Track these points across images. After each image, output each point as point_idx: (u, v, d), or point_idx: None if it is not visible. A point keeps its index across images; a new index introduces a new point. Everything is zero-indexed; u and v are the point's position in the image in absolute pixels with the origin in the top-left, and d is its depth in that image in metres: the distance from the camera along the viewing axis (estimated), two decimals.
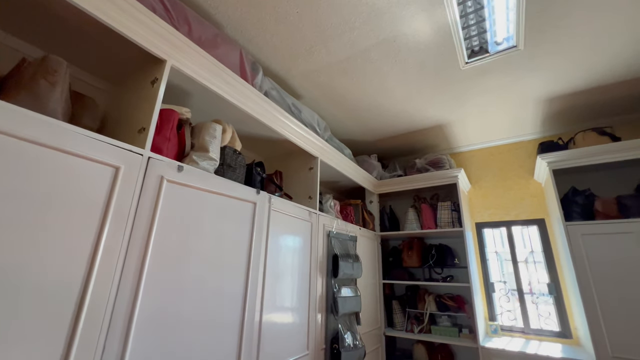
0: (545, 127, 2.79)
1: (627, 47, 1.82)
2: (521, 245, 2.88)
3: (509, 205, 2.92)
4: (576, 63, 1.96)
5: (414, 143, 3.19)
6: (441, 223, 2.75)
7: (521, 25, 1.68)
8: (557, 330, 2.53)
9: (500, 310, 2.81)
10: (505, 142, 3.07)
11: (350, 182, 2.85)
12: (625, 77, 2.08)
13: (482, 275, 2.90)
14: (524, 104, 2.44)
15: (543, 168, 2.43)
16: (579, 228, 2.15)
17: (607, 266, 2.01)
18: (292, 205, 1.82)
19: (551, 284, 2.62)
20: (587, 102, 2.38)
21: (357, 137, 3.06)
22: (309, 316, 1.77)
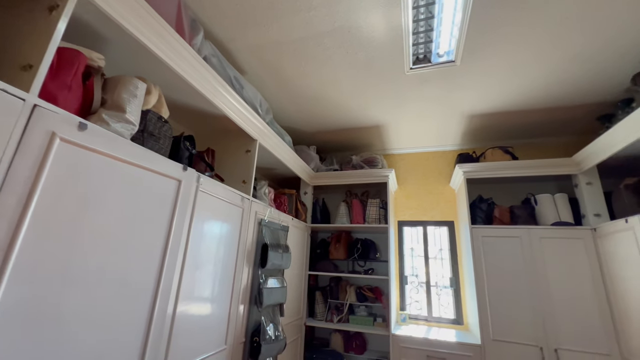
0: (464, 140, 3.15)
1: (535, 82, 2.15)
2: (432, 243, 3.22)
3: (427, 207, 3.23)
4: (495, 88, 2.24)
5: (353, 140, 3.27)
6: (369, 219, 2.89)
7: (461, 43, 1.83)
8: (453, 318, 2.91)
9: (410, 300, 3.10)
10: (431, 150, 3.38)
11: (287, 171, 2.77)
12: (528, 107, 2.47)
13: (399, 269, 3.16)
14: (451, 116, 2.70)
15: (459, 176, 2.74)
16: (481, 231, 2.49)
17: (497, 263, 2.37)
18: (224, 188, 1.65)
19: (452, 278, 2.99)
20: (498, 123, 2.76)
21: (297, 125, 2.99)
22: (231, 308, 1.64)
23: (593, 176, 2.36)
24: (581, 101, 2.36)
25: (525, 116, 2.60)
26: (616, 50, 1.82)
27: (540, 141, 3.01)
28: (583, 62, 1.94)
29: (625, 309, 1.94)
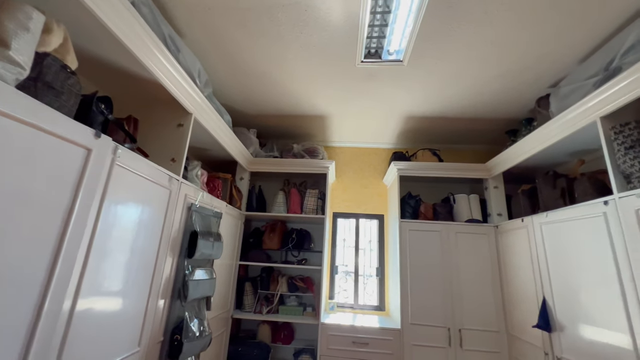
0: (399, 140, 3.36)
1: (464, 93, 2.38)
2: (363, 235, 3.38)
3: (361, 200, 3.36)
4: (433, 94, 2.41)
5: (295, 128, 3.18)
6: (307, 209, 2.86)
7: (411, 44, 1.89)
8: (376, 305, 3.11)
9: (339, 289, 3.21)
10: (369, 146, 3.51)
11: (223, 153, 2.54)
12: (456, 116, 2.74)
13: (330, 259, 3.23)
14: (391, 116, 2.83)
15: (393, 172, 2.91)
16: (408, 225, 2.69)
17: (420, 255, 2.60)
18: (148, 164, 1.41)
19: (379, 268, 3.19)
20: (430, 127, 3.00)
21: (238, 105, 2.76)
22: (149, 303, 1.42)
23: (499, 181, 2.75)
24: (496, 115, 2.71)
25: (453, 123, 2.89)
26: (529, 76, 2.12)
27: (461, 147, 3.40)
28: (503, 82, 2.22)
29: (512, 293, 2.33)
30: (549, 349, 1.88)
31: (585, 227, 1.66)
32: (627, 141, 1.43)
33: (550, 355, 1.87)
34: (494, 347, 2.37)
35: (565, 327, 1.77)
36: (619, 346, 1.43)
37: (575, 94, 1.82)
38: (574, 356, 1.70)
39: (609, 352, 1.48)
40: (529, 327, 2.07)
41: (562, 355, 1.78)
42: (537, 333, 1.98)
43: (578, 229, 1.71)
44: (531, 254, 2.10)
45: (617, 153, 1.47)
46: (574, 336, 1.70)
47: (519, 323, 2.22)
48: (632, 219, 1.38)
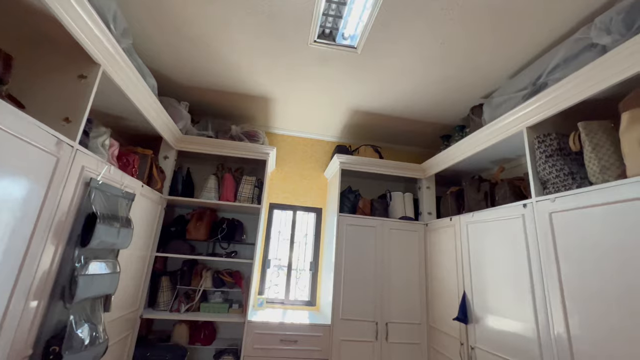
0: (343, 133, 3.32)
1: (410, 93, 2.42)
2: (299, 228, 3.26)
3: (300, 192, 3.23)
4: (383, 89, 2.39)
5: (235, 107, 2.88)
6: (241, 197, 2.61)
7: (366, 31, 1.82)
8: (307, 300, 3.03)
9: (270, 284, 3.04)
10: (312, 137, 3.40)
11: (144, 125, 2.13)
12: (400, 115, 2.79)
13: (263, 253, 3.03)
14: (338, 107, 2.75)
15: (336, 165, 2.84)
16: (346, 219, 2.65)
17: (355, 250, 2.58)
18: (21, 118, 1.03)
19: (313, 262, 3.11)
20: (374, 124, 3.02)
21: (168, 71, 2.36)
22: (10, 306, 1.05)
23: (431, 182, 2.91)
24: (433, 119, 2.85)
25: (395, 122, 2.95)
26: (466, 84, 2.24)
27: (399, 147, 3.52)
28: (444, 87, 2.31)
29: (436, 287, 2.47)
30: (465, 339, 2.02)
31: (505, 227, 1.80)
32: (548, 150, 1.57)
33: (465, 345, 2.01)
34: (415, 339, 2.48)
35: (480, 319, 1.92)
36: (525, 335, 1.58)
37: (506, 105, 1.97)
38: (486, 345, 1.84)
39: (516, 340, 1.63)
40: (449, 320, 2.20)
41: (475, 345, 1.92)
42: (455, 325, 2.12)
43: (499, 228, 1.85)
44: (456, 251, 2.24)
45: (538, 161, 1.62)
46: (487, 327, 1.85)
47: (440, 316, 2.36)
48: (546, 221, 1.52)
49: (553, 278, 1.45)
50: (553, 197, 1.50)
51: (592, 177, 1.37)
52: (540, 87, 1.71)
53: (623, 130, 1.27)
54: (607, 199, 1.26)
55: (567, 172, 1.48)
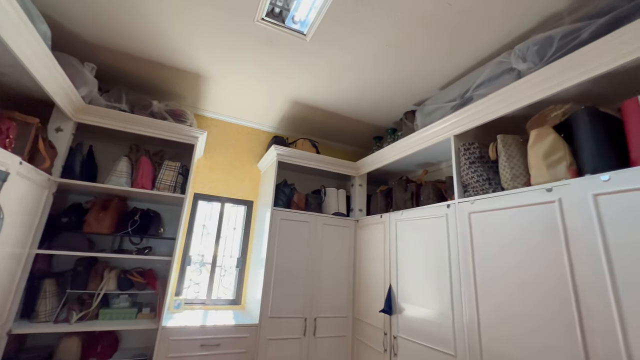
0: (281, 125, 3.19)
1: (353, 91, 2.45)
2: (227, 222, 3.02)
3: (231, 183, 2.99)
4: (326, 83, 2.36)
5: (159, 81, 2.48)
6: (161, 185, 2.26)
7: (318, 19, 1.74)
8: (232, 298, 2.83)
9: (189, 283, 2.73)
10: (248, 125, 3.18)
11: (27, 83, 1.63)
12: (340, 112, 2.81)
13: (184, 248, 2.70)
14: (278, 97, 2.61)
15: (272, 157, 2.70)
16: (280, 213, 2.55)
17: (288, 245, 2.50)
18: None
19: (240, 259, 2.91)
20: (314, 118, 2.98)
21: (70, 23, 1.87)
22: None
23: (364, 180, 3.02)
24: (370, 120, 2.96)
25: (334, 119, 2.96)
26: (404, 89, 2.37)
27: (334, 144, 3.57)
28: (384, 89, 2.40)
29: (363, 281, 2.58)
30: (388, 330, 2.15)
31: (430, 225, 1.96)
32: (471, 157, 1.75)
33: (388, 334, 2.14)
34: (341, 332, 2.55)
35: (403, 310, 2.06)
36: (442, 323, 1.74)
37: (437, 113, 2.15)
38: (407, 334, 1.99)
39: (434, 328, 1.79)
40: (374, 312, 2.32)
41: (398, 334, 2.06)
42: (380, 316, 2.24)
43: (425, 226, 2.01)
44: (384, 246, 2.36)
45: (463, 166, 1.80)
46: (409, 317, 1.99)
47: (366, 308, 2.47)
48: (465, 220, 1.70)
49: (469, 271, 1.63)
50: (472, 199, 1.69)
51: (505, 183, 1.58)
52: (467, 101, 1.91)
53: (530, 145, 1.49)
54: (515, 203, 1.47)
55: (485, 177, 1.68)
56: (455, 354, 1.63)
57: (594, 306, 1.12)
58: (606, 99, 1.40)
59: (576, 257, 1.20)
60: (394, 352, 2.06)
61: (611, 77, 1.27)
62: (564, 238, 1.25)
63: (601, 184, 1.16)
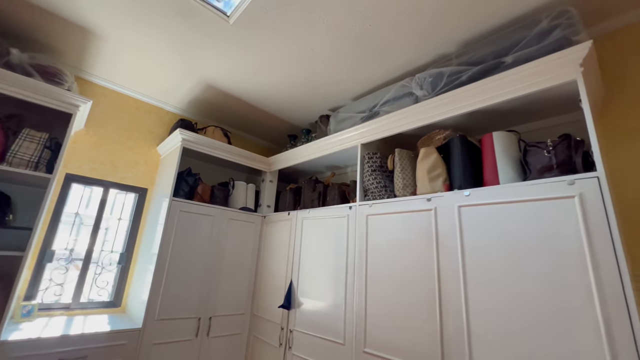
0: (190, 107, 2.89)
1: (273, 86, 2.41)
2: (109, 211, 2.57)
3: (121, 165, 2.56)
4: (246, 71, 2.26)
5: (27, 25, 1.92)
6: (16, 159, 1.75)
7: (244, 4, 1.65)
8: (109, 300, 2.42)
9: (48, 284, 2.21)
10: (149, 101, 2.77)
11: None
12: (257, 104, 2.74)
13: (43, 242, 2.17)
14: (190, 75, 2.37)
15: (176, 141, 2.43)
16: (181, 204, 2.31)
17: (186, 240, 2.29)
18: None
19: (124, 254, 2.52)
20: (229, 106, 2.81)
21: None
22: None
23: (275, 177, 3.02)
24: (287, 118, 2.99)
25: (250, 111, 2.87)
26: (322, 94, 2.48)
27: (248, 137, 3.45)
28: (304, 90, 2.46)
29: (265, 278, 2.57)
30: (285, 324, 2.20)
31: (334, 224, 2.10)
32: (373, 166, 1.96)
33: (285, 329, 2.20)
34: (237, 330, 2.48)
35: (301, 304, 2.14)
36: (335, 315, 1.89)
37: (348, 121, 2.31)
38: (303, 327, 2.08)
39: (328, 320, 1.92)
40: (274, 308, 2.34)
41: (294, 328, 2.13)
42: (279, 312, 2.28)
43: (329, 225, 2.14)
44: (289, 243, 2.41)
45: (365, 173, 1.99)
46: (307, 311, 2.09)
47: (265, 305, 2.47)
48: (364, 221, 1.89)
49: (362, 267, 1.82)
50: (371, 203, 1.89)
51: (397, 191, 1.82)
52: (374, 114, 2.13)
53: (419, 161, 1.76)
54: (403, 209, 1.71)
55: (383, 185, 1.91)
56: (344, 342, 1.79)
57: (450, 293, 1.40)
58: (473, 131, 1.77)
59: (442, 255, 1.48)
60: (289, 346, 2.13)
61: (477, 114, 1.62)
62: (436, 240, 1.52)
63: (464, 197, 1.46)
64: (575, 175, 1.17)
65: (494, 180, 1.43)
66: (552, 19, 1.40)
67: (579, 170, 1.22)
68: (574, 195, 1.15)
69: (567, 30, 1.34)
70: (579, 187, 1.15)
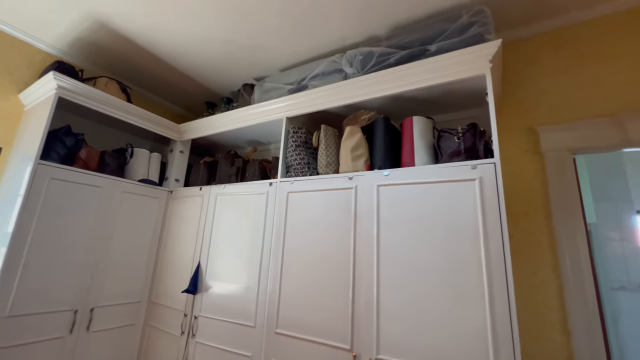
0: (74, 50, 2.27)
1: (192, 39, 2.06)
2: None
3: None
4: (152, 14, 1.86)
5: None
6: None
7: None
8: None
9: None
10: (12, 33, 2.06)
11: None
12: (168, 59, 2.31)
13: None
14: (77, 4, 1.83)
15: (47, 88, 1.87)
16: (53, 171, 1.81)
17: (60, 215, 1.82)
18: None
19: None
20: (130, 56, 2.30)
21: None
22: None
23: (186, 147, 2.65)
24: (205, 81, 2.63)
25: (160, 66, 2.42)
26: (248, 60, 2.24)
27: (155, 99, 2.95)
28: (229, 50, 2.17)
29: (168, 260, 2.26)
30: (190, 310, 1.98)
31: (251, 201, 1.94)
32: (297, 141, 1.86)
33: (189, 315, 1.97)
34: (129, 320, 2.13)
35: (209, 288, 1.95)
36: (247, 297, 1.77)
37: (274, 92, 2.15)
38: (210, 312, 1.89)
39: (239, 303, 1.79)
40: (176, 293, 2.07)
41: (200, 313, 1.93)
42: (182, 297, 2.03)
43: (246, 202, 1.97)
44: (200, 221, 2.15)
45: (289, 148, 1.88)
46: (215, 295, 1.91)
47: (167, 290, 2.18)
48: (284, 199, 1.79)
49: (279, 246, 1.73)
50: (293, 179, 1.79)
51: (320, 169, 1.77)
52: (302, 87, 2.01)
53: (343, 139, 1.73)
54: (326, 187, 1.67)
55: (306, 161, 1.83)
56: (255, 324, 1.69)
57: (363, 269, 1.43)
58: (395, 116, 1.83)
59: (359, 232, 1.49)
60: (192, 333, 1.92)
61: (400, 100, 1.67)
62: (354, 217, 1.52)
63: (383, 177, 1.49)
64: (477, 161, 1.29)
65: (411, 162, 1.49)
66: (471, 15, 1.50)
67: (481, 157, 1.35)
68: (475, 179, 1.27)
69: (482, 28, 1.46)
70: (479, 171, 1.27)
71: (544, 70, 1.74)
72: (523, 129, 1.72)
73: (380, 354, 1.30)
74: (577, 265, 1.47)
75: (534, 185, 1.63)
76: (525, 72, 1.78)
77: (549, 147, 1.62)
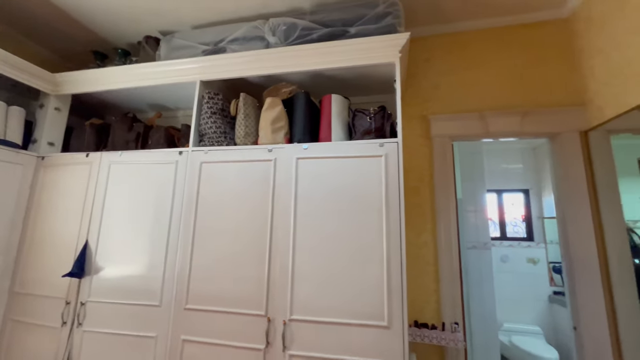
0: None
1: None
2: None
3: None
4: None
5: None
6: None
7: None
8: None
9: None
10: None
11: None
12: None
13: None
14: None
15: None
16: None
17: None
18: None
19: None
20: None
21: None
22: None
23: (65, 104, 2.14)
24: (94, 26, 2.17)
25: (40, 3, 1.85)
26: (153, 8, 1.92)
27: (22, 39, 2.27)
28: None
29: (38, 242, 1.85)
30: (74, 297, 1.69)
31: (157, 172, 1.74)
32: (213, 108, 1.73)
33: (73, 302, 1.68)
34: None
35: (101, 269, 1.69)
36: (151, 275, 1.61)
37: (186, 51, 1.92)
38: (101, 296, 1.66)
39: (140, 282, 1.62)
40: (54, 278, 1.73)
41: (88, 299, 1.67)
42: (63, 282, 1.71)
43: (150, 172, 1.75)
44: (87, 194, 1.81)
45: (204, 114, 1.73)
46: (109, 277, 1.67)
47: (39, 277, 1.79)
48: (196, 169, 1.66)
49: (190, 220, 1.61)
50: (207, 149, 1.68)
51: (238, 139, 1.70)
52: (220, 50, 1.86)
53: (263, 110, 1.69)
54: (243, 158, 1.62)
55: (222, 130, 1.73)
56: (161, 303, 1.57)
57: (279, 239, 1.48)
58: (315, 93, 1.88)
59: (277, 204, 1.52)
60: (78, 322, 1.65)
61: (321, 77, 1.72)
62: (272, 190, 1.54)
63: (302, 150, 1.54)
64: (384, 140, 1.46)
65: (328, 137, 1.58)
66: (386, 6, 1.63)
67: (387, 136, 1.53)
68: (382, 155, 1.44)
69: (395, 20, 1.61)
70: (385, 149, 1.44)
71: (436, 68, 2.05)
72: (418, 116, 2.01)
73: (293, 315, 1.39)
74: (448, 231, 1.85)
75: (424, 165, 1.95)
76: (423, 67, 2.06)
77: (436, 134, 1.95)
